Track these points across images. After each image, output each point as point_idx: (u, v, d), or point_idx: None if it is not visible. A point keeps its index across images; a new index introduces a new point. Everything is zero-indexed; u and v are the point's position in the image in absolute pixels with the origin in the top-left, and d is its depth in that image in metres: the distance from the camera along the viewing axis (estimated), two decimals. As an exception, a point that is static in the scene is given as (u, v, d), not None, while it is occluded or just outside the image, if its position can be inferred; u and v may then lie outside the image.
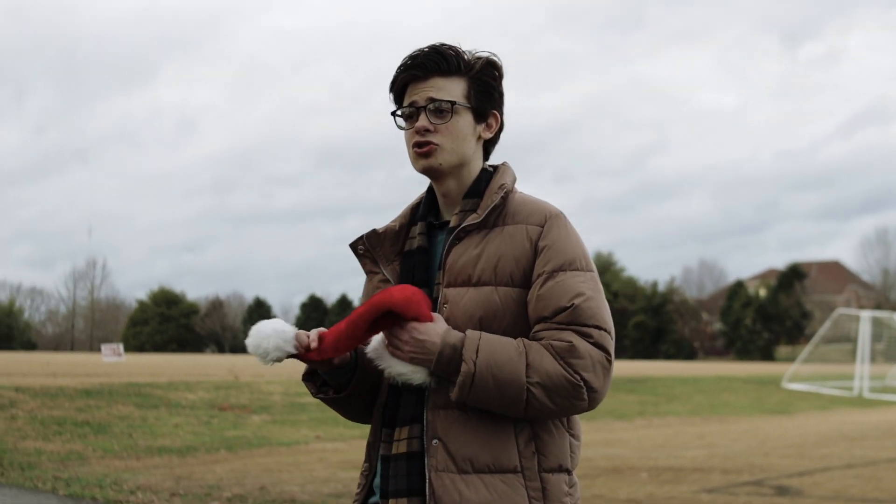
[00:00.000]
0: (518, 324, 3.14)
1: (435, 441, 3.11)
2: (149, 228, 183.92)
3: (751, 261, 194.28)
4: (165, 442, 18.49)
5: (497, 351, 3.03)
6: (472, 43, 3.35)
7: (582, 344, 3.04)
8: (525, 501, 3.08)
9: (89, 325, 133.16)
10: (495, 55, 3.38)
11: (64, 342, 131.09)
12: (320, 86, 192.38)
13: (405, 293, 3.07)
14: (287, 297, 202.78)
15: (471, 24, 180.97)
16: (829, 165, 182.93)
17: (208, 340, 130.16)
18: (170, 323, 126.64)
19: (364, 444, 3.43)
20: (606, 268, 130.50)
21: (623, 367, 59.74)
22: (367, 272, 3.45)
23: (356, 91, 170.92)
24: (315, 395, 3.43)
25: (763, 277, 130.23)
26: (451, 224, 3.27)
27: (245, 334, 3.26)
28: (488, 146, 3.43)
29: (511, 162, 3.44)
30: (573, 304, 3.08)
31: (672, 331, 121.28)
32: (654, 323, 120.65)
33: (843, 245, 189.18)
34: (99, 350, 61.29)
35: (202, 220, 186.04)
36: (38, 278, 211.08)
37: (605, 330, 3.11)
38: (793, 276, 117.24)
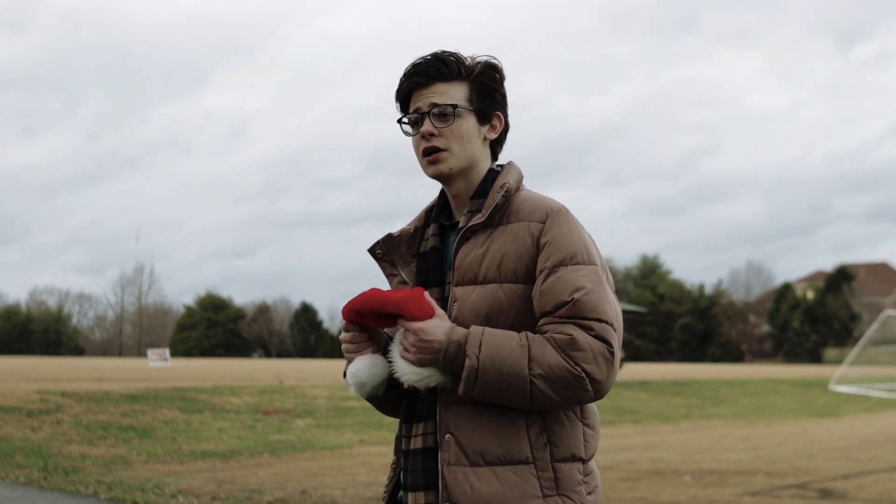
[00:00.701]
0: (523, 319, 3.20)
1: (448, 436, 3.19)
2: (198, 234, 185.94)
3: (801, 263, 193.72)
4: (209, 446, 18.56)
5: (500, 345, 3.08)
6: (523, 46, 3.39)
7: (582, 336, 3.07)
8: (537, 491, 3.14)
9: (137, 330, 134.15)
10: (495, 58, 3.44)
11: (112, 347, 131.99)
12: (371, 90, 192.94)
13: (404, 293, 3.18)
14: (334, 302, 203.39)
15: (521, 26, 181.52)
16: (880, 166, 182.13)
17: (255, 345, 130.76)
18: (217, 328, 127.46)
19: None
20: (652, 270, 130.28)
21: (669, 370, 59.55)
22: (387, 275, 3.54)
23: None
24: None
25: (811, 279, 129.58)
26: (460, 225, 3.36)
27: (291, 339, 3.34)
28: (495, 147, 3.49)
29: (561, 163, 3.50)
30: (573, 298, 3.11)
31: (719, 333, 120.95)
32: (700, 325, 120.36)
33: (894, 246, 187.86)
34: (146, 355, 61.66)
35: (252, 226, 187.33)
36: (89, 284, 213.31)
37: (607, 322, 3.12)
38: (840, 277, 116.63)
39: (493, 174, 3.41)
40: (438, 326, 3.13)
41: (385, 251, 3.51)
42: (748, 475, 15.78)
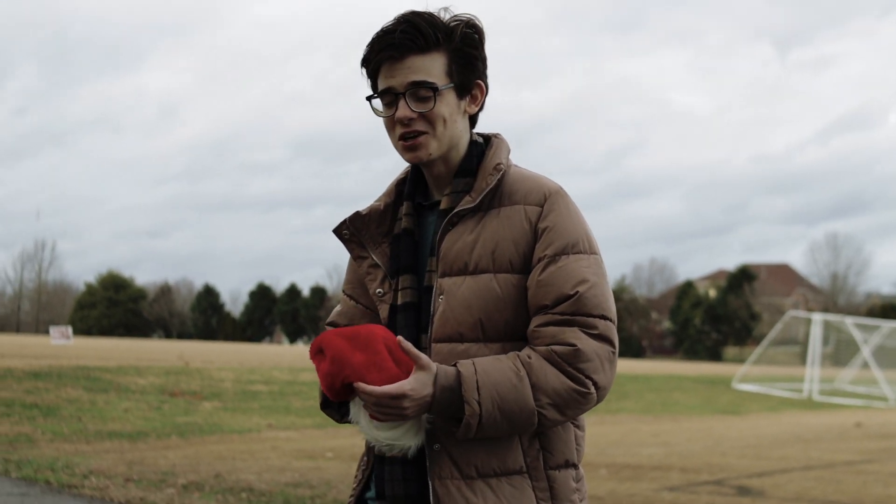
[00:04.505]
0: (520, 314, 2.94)
1: (437, 446, 2.92)
2: (115, 213, 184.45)
3: (711, 262, 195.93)
4: (115, 426, 18.21)
5: (499, 383, 2.81)
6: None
7: (587, 344, 2.85)
8: (533, 503, 2.93)
9: (35, 307, 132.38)
10: (473, 16, 3.09)
11: (9, 324, 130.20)
12: (306, 76, 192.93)
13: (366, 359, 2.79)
14: (238, 285, 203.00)
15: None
16: (801, 171, 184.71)
17: (156, 326, 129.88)
18: (117, 307, 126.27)
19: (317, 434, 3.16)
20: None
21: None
22: (356, 257, 3.21)
23: (342, 82, 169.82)
24: (340, 420, 3.15)
25: (713, 278, 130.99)
26: (443, 206, 3.04)
27: (192, 321, 2.98)
28: (475, 115, 3.15)
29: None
30: (577, 291, 2.87)
31: (621, 328, 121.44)
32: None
33: (803, 249, 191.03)
34: (45, 332, 60.82)
35: (170, 207, 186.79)
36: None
37: (610, 319, 2.92)
38: (742, 277, 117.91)
39: (479, 148, 3.11)
40: (422, 379, 2.79)
41: (353, 231, 3.17)
42: (663, 470, 15.76)
